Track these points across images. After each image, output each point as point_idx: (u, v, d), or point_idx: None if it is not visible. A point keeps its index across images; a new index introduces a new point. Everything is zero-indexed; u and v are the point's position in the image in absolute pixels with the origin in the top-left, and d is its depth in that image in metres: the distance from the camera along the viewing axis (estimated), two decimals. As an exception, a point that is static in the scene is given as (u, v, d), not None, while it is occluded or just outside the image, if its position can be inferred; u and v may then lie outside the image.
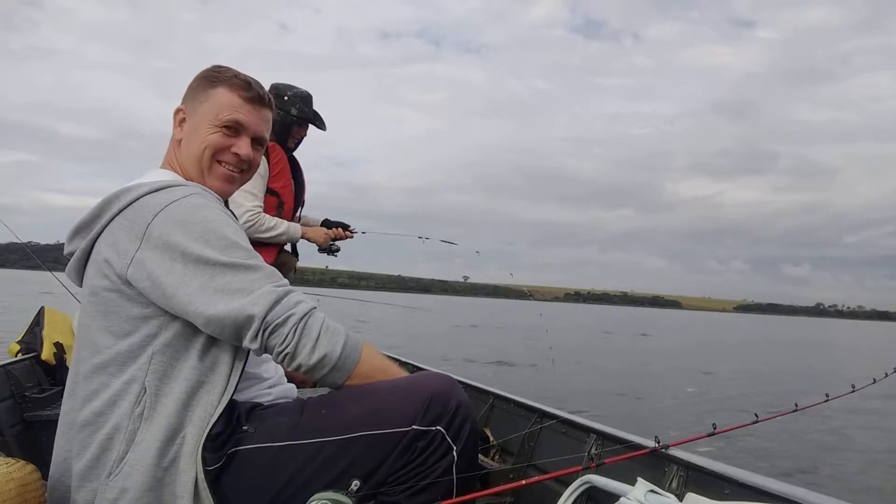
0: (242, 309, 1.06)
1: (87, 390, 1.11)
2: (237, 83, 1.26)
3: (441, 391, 1.16)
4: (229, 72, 1.28)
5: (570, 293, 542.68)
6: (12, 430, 2.23)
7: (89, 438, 1.10)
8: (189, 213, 1.12)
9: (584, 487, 1.44)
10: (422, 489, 1.12)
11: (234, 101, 1.25)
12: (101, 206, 1.17)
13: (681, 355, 18.15)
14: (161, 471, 1.06)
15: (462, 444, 1.15)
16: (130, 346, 1.10)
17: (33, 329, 2.80)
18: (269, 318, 1.07)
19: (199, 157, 1.25)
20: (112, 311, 1.11)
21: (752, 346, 27.14)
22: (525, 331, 23.38)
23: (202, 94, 1.26)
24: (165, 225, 1.09)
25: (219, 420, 1.10)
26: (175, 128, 1.28)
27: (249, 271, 1.10)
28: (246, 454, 1.12)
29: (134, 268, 1.09)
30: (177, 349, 1.11)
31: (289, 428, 1.14)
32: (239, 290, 1.07)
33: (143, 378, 1.09)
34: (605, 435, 1.69)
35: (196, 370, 1.11)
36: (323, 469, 1.11)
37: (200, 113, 1.25)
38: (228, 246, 1.11)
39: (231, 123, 1.25)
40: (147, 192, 1.15)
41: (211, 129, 1.24)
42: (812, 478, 5.24)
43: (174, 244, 1.08)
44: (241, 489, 1.10)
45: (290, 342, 1.08)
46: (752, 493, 1.22)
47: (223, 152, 1.26)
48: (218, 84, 1.25)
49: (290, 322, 1.08)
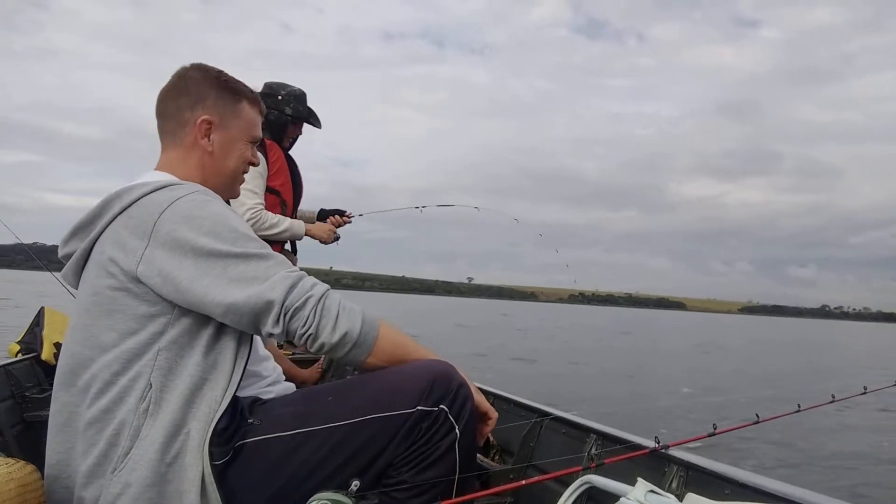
0: (261, 295, 1.08)
1: (94, 390, 1.11)
2: (254, 98, 1.36)
3: (443, 372, 1.18)
4: (244, 86, 1.35)
5: (575, 294, 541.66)
6: (12, 430, 2.23)
7: (97, 436, 1.10)
8: (196, 208, 1.13)
9: (584, 487, 1.44)
10: (426, 467, 1.14)
11: (256, 118, 1.36)
12: (101, 206, 1.18)
13: (682, 356, 18.17)
14: (164, 466, 1.06)
15: (464, 423, 1.17)
16: (137, 343, 1.11)
17: (33, 329, 2.80)
18: (288, 303, 1.09)
19: (236, 171, 1.34)
20: (117, 310, 1.12)
21: (756, 347, 27.05)
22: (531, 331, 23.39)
23: (231, 109, 1.31)
24: (173, 221, 1.11)
25: (223, 415, 1.11)
26: (200, 138, 1.28)
27: (262, 259, 1.12)
28: (253, 446, 1.13)
29: (144, 265, 1.10)
30: (182, 346, 1.12)
31: (295, 417, 1.15)
32: (254, 279, 1.10)
33: (148, 374, 1.09)
34: (605, 435, 1.69)
35: (200, 367, 1.12)
36: (332, 455, 1.12)
37: (234, 129, 1.32)
38: (238, 237, 1.13)
39: (257, 140, 1.37)
40: (150, 191, 1.16)
41: (246, 147, 1.34)
42: (812, 478, 5.23)
43: (184, 240, 1.10)
44: (249, 481, 1.11)
45: (312, 323, 1.10)
46: (752, 494, 1.22)
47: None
48: (241, 99, 1.33)
49: (310, 304, 1.10)
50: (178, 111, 1.29)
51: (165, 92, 1.31)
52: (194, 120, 1.28)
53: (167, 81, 1.32)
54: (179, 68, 1.32)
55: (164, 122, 1.31)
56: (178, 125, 1.29)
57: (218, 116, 1.29)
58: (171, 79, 1.31)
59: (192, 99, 1.28)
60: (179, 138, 1.29)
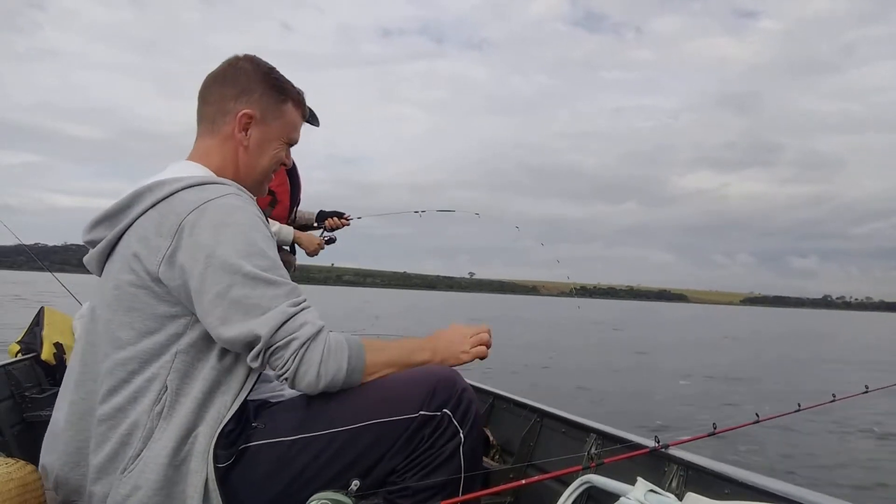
0: (252, 329, 1.06)
1: (108, 385, 1.10)
2: (300, 101, 1.33)
3: (446, 377, 1.18)
4: (293, 86, 1.32)
5: (577, 288, 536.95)
6: (12, 430, 2.23)
7: (109, 433, 1.09)
8: (224, 214, 1.10)
9: (583, 487, 1.44)
10: (430, 472, 1.14)
11: (298, 121, 1.33)
12: (131, 198, 1.15)
13: (685, 350, 18.15)
14: (172, 469, 1.06)
15: (468, 427, 1.16)
16: (155, 344, 1.09)
17: (33, 329, 2.80)
18: (272, 340, 1.06)
19: (267, 169, 1.31)
20: (136, 308, 1.10)
21: (758, 340, 26.82)
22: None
23: (275, 107, 1.28)
24: (199, 224, 1.08)
25: (232, 418, 1.10)
26: (238, 131, 1.26)
27: (269, 286, 1.08)
28: (256, 450, 1.13)
29: (166, 265, 1.08)
30: (199, 349, 1.11)
31: (298, 421, 1.15)
32: (254, 307, 1.07)
33: (165, 376, 1.08)
34: (605, 435, 1.69)
35: (215, 370, 1.11)
36: (333, 459, 1.12)
37: (274, 128, 1.29)
38: (254, 253, 1.09)
39: (293, 143, 1.34)
40: (182, 188, 1.13)
41: (282, 148, 1.31)
42: (812, 478, 5.23)
43: (204, 244, 1.07)
44: (251, 485, 1.11)
45: (290, 368, 1.07)
46: (752, 493, 1.22)
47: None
48: (287, 100, 1.30)
49: (292, 347, 1.07)
50: (221, 99, 1.26)
51: (213, 78, 1.28)
52: (236, 111, 1.25)
53: (216, 67, 1.29)
54: (231, 57, 1.29)
55: (205, 108, 1.27)
56: (219, 113, 1.26)
57: (260, 112, 1.26)
58: (220, 65, 1.28)
59: (238, 90, 1.25)
60: (217, 127, 1.26)
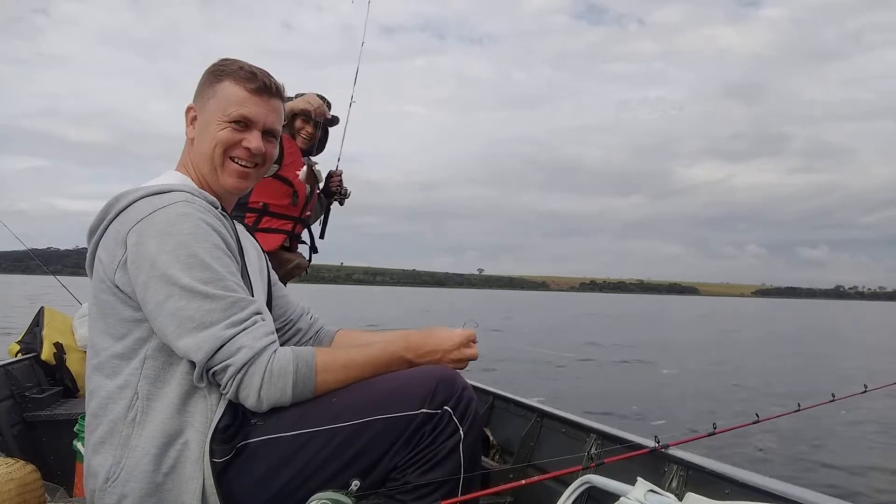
0: (187, 353, 1.06)
1: (88, 391, 1.14)
2: (242, 75, 1.23)
3: (447, 375, 1.18)
4: (234, 64, 1.25)
5: (586, 282, 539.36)
6: (12, 430, 2.23)
7: (90, 438, 1.13)
8: (168, 223, 1.10)
9: (584, 487, 1.44)
10: (430, 469, 1.14)
11: (241, 95, 1.23)
12: (104, 209, 1.18)
13: (694, 347, 18.09)
14: (161, 476, 1.06)
15: (468, 424, 1.17)
16: (124, 348, 1.11)
17: (33, 329, 2.80)
18: (209, 365, 1.07)
19: (210, 154, 1.23)
20: (108, 314, 1.13)
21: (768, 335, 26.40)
22: (526, 331, 23.31)
23: (209, 89, 1.24)
24: (145, 234, 1.09)
25: (225, 414, 1.11)
26: (188, 126, 1.27)
27: (205, 300, 1.07)
28: (255, 447, 1.12)
29: (121, 272, 1.11)
30: (169, 353, 1.11)
31: (298, 417, 1.14)
32: (188, 320, 1.06)
33: (135, 383, 1.10)
34: (605, 435, 1.70)
35: (190, 374, 1.10)
36: (334, 456, 1.12)
37: (209, 109, 1.23)
38: (194, 265, 1.08)
39: (239, 119, 1.23)
40: (139, 198, 1.15)
41: (220, 126, 1.22)
42: (812, 478, 5.23)
43: (146, 254, 1.08)
44: (250, 482, 1.11)
45: (231, 390, 1.08)
46: (752, 493, 1.22)
47: (234, 148, 1.24)
48: (223, 78, 1.23)
49: (228, 372, 1.07)
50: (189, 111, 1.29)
51: None
52: (186, 110, 1.27)
53: None
54: None
55: None
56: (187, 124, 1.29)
57: (200, 102, 1.26)
58: None
59: (195, 94, 1.28)
60: (187, 135, 1.28)
